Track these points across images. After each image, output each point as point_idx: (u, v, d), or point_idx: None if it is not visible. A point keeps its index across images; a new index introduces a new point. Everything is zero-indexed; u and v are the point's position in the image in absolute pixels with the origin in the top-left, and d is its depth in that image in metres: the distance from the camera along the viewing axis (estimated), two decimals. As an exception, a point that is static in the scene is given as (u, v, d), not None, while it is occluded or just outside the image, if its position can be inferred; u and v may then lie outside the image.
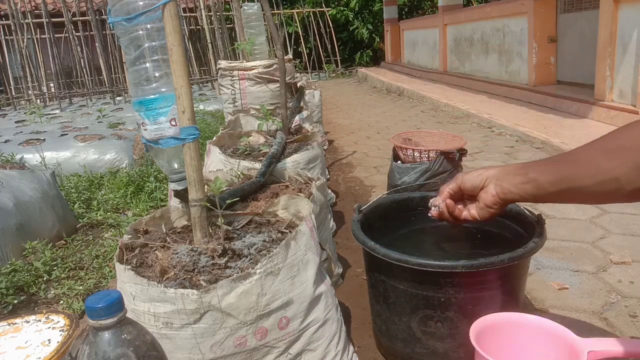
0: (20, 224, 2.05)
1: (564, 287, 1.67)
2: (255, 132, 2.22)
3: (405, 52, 11.23)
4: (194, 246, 1.08)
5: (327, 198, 1.97)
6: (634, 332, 1.40)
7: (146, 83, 1.08)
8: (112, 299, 0.67)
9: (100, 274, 1.94)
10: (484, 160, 3.48)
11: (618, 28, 4.15)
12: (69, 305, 1.71)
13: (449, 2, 8.61)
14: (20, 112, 6.37)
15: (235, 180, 1.61)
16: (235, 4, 3.49)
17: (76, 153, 3.32)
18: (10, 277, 1.80)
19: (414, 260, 1.11)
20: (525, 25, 5.96)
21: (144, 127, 1.10)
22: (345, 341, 1.17)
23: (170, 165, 1.15)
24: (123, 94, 7.40)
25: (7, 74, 8.56)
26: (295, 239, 1.04)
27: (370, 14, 13.29)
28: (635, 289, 1.63)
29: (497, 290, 1.15)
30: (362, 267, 1.83)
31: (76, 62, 8.04)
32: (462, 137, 2.19)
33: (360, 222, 1.33)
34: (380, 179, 3.16)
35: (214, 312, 0.92)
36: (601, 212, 2.32)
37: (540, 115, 4.69)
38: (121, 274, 1.00)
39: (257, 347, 0.98)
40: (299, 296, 1.02)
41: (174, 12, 0.99)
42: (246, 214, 1.29)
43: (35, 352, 0.82)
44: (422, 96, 6.87)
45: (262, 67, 2.56)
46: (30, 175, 2.35)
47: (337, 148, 4.32)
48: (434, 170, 1.95)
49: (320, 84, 9.23)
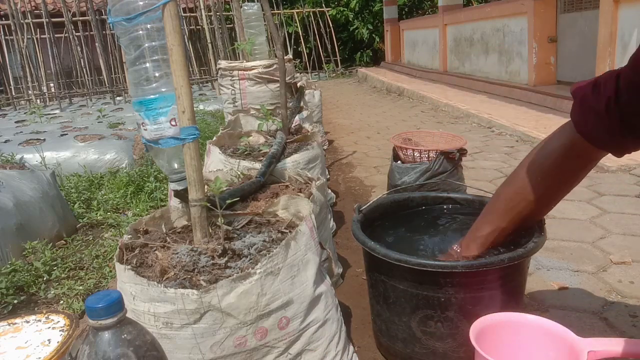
0: (20, 224, 2.05)
1: (564, 287, 1.67)
2: (255, 132, 2.22)
3: (405, 52, 11.23)
4: (194, 246, 1.08)
5: (327, 198, 1.97)
6: (634, 332, 1.40)
7: (146, 83, 1.08)
8: (112, 299, 0.67)
9: (100, 274, 1.94)
10: (484, 160, 3.48)
11: (618, 28, 4.15)
12: (69, 305, 1.71)
13: (449, 2, 8.61)
14: (20, 112, 6.37)
15: (235, 180, 1.61)
16: (235, 4, 3.49)
17: (76, 153, 3.31)
18: (10, 277, 1.80)
19: (414, 260, 1.11)
20: (525, 25, 5.97)
21: (144, 127, 1.10)
22: (345, 341, 1.17)
23: (170, 165, 1.15)
24: (123, 94, 7.39)
25: (7, 74, 8.56)
26: (295, 239, 1.04)
27: (370, 14, 13.29)
28: (635, 289, 1.63)
29: (497, 290, 1.15)
30: (362, 267, 1.83)
31: (76, 62, 8.04)
32: (462, 137, 2.19)
33: (360, 222, 1.33)
34: (380, 179, 3.16)
35: (214, 312, 0.92)
36: (601, 212, 2.32)
37: (540, 115, 4.70)
38: (121, 274, 1.00)
39: (257, 347, 0.98)
40: (299, 296, 1.02)
41: (174, 12, 0.99)
42: (246, 214, 1.29)
43: (35, 352, 0.82)
44: (422, 96, 6.87)
45: (262, 67, 2.56)
46: (30, 175, 2.35)
47: (337, 148, 4.32)
48: (434, 170, 1.95)
49: (320, 84, 9.24)
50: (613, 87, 0.87)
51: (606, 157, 1.01)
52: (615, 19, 4.15)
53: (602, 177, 2.83)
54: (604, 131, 0.91)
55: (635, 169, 2.91)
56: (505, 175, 3.07)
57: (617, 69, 0.89)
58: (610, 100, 0.87)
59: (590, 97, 0.92)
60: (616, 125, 0.88)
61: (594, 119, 0.91)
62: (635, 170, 2.91)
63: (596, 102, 0.90)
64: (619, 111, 0.87)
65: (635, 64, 0.83)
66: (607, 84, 0.89)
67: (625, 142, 0.91)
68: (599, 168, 2.95)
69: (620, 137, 0.90)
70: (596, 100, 0.90)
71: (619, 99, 0.86)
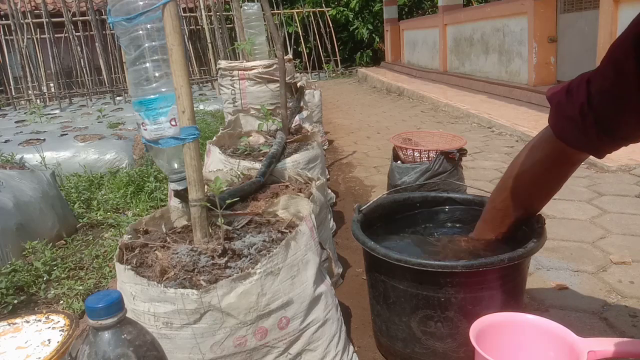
0: (20, 224, 2.05)
1: (564, 287, 1.67)
2: (255, 132, 2.22)
3: (405, 52, 11.22)
4: (194, 246, 1.08)
5: (327, 198, 1.97)
6: (634, 332, 1.40)
7: (146, 83, 1.08)
8: (112, 299, 0.67)
9: (100, 274, 1.94)
10: (484, 160, 3.48)
11: (618, 28, 4.15)
12: (69, 305, 1.71)
13: (449, 2, 8.61)
14: (20, 112, 6.37)
15: (235, 180, 1.61)
16: (235, 4, 3.49)
17: (76, 153, 3.32)
18: (10, 277, 1.80)
19: (414, 260, 1.11)
20: (525, 25, 5.96)
21: (144, 127, 1.10)
22: (345, 341, 1.17)
23: (170, 165, 1.15)
24: (123, 94, 7.39)
25: (7, 74, 8.55)
26: (295, 239, 1.04)
27: (370, 14, 13.28)
28: (635, 289, 1.63)
29: (497, 290, 1.15)
30: (362, 267, 1.83)
31: (76, 62, 8.04)
32: (462, 137, 2.19)
33: (360, 222, 1.33)
34: (380, 179, 3.16)
35: (214, 312, 0.92)
36: (601, 212, 2.32)
37: (540, 115, 4.69)
38: (121, 274, 1.00)
39: (257, 347, 0.98)
40: (299, 296, 1.02)
41: (174, 12, 0.99)
42: (246, 214, 1.29)
43: (35, 352, 0.82)
44: (422, 96, 6.87)
45: (262, 67, 2.56)
46: (30, 175, 2.35)
47: (337, 148, 4.32)
48: (434, 170, 1.95)
49: (320, 84, 9.24)
50: (584, 92, 0.89)
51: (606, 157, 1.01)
52: (615, 19, 4.15)
53: (602, 177, 2.83)
54: (582, 135, 0.94)
55: (635, 169, 2.91)
56: (505, 175, 3.07)
57: (588, 72, 0.91)
58: (584, 106, 0.89)
59: (564, 103, 0.95)
60: (592, 128, 0.90)
61: (570, 124, 0.94)
62: (635, 170, 2.91)
63: (571, 108, 0.93)
64: (593, 115, 0.89)
65: (602, 69, 0.86)
66: (579, 89, 0.91)
67: (602, 144, 0.94)
68: (599, 168, 2.95)
69: (598, 140, 0.92)
70: (570, 106, 0.93)
71: (591, 103, 0.88)
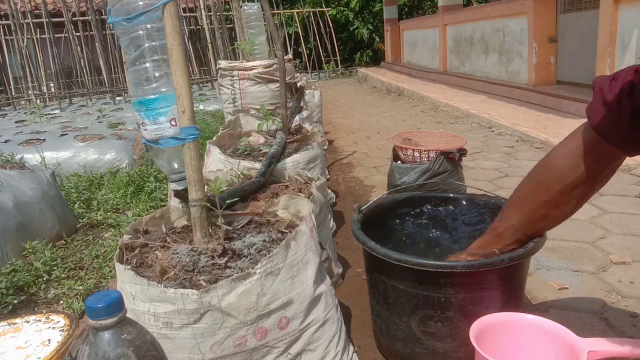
0: (20, 224, 2.05)
1: (564, 287, 1.67)
2: (255, 132, 2.22)
3: (405, 52, 11.22)
4: (194, 246, 1.08)
5: (327, 198, 1.97)
6: (634, 332, 1.40)
7: (146, 83, 1.08)
8: (112, 299, 0.67)
9: (100, 274, 1.94)
10: (484, 160, 3.48)
11: (618, 28, 4.15)
12: (69, 305, 1.71)
13: (449, 2, 8.61)
14: (20, 112, 6.37)
15: (235, 180, 1.61)
16: (235, 4, 3.48)
17: (76, 153, 3.31)
18: (10, 277, 1.80)
19: (414, 260, 1.11)
20: (525, 25, 5.96)
21: (144, 127, 1.10)
22: (345, 341, 1.17)
23: (170, 165, 1.15)
24: (123, 94, 7.39)
25: (7, 74, 8.55)
26: (295, 239, 1.04)
27: (370, 14, 13.28)
28: (635, 289, 1.63)
29: (497, 290, 1.15)
30: (362, 267, 1.83)
31: (76, 62, 8.04)
32: (462, 137, 2.19)
33: (360, 222, 1.33)
34: (380, 179, 3.16)
35: (214, 312, 0.92)
36: (601, 212, 2.32)
37: (540, 115, 4.69)
38: (121, 274, 1.00)
39: (257, 347, 0.98)
40: (299, 296, 1.02)
41: (174, 12, 0.99)
42: (246, 214, 1.29)
43: (35, 352, 0.82)
44: (422, 96, 6.87)
45: (262, 67, 2.56)
46: (30, 175, 2.35)
47: (337, 148, 4.32)
48: (434, 170, 1.95)
49: (320, 84, 9.24)
50: (629, 80, 0.87)
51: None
52: (615, 19, 4.15)
53: (602, 177, 2.83)
54: (614, 122, 0.90)
55: (635, 169, 2.91)
56: (506, 175, 3.07)
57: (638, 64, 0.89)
58: (624, 92, 0.87)
59: (606, 88, 0.91)
60: (626, 118, 0.87)
61: (605, 110, 0.91)
62: (635, 170, 2.90)
63: (610, 94, 0.90)
64: (630, 103, 0.86)
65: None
66: (625, 77, 0.88)
67: (633, 137, 0.90)
68: (599, 168, 2.95)
69: (629, 130, 0.89)
70: (610, 92, 0.90)
71: (633, 92, 0.86)
